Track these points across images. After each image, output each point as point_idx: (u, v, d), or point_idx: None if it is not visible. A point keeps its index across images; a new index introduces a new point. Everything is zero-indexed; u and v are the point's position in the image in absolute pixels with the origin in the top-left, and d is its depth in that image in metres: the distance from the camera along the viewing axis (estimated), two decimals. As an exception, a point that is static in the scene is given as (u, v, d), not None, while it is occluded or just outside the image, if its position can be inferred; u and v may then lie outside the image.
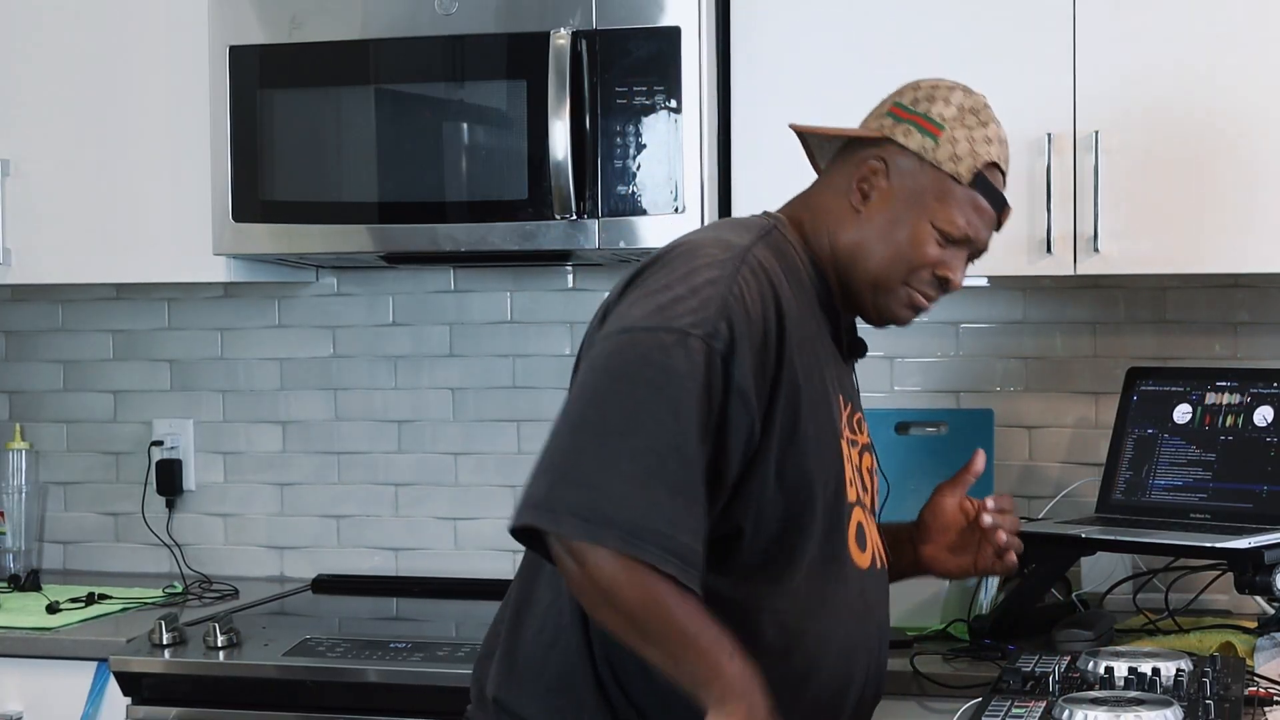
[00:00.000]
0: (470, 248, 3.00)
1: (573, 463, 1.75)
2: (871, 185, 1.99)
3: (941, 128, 1.98)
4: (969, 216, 2.00)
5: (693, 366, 1.76)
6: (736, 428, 1.80)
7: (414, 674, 2.78)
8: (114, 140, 3.26)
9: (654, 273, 1.87)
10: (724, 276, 1.83)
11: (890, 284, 2.02)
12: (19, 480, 3.64)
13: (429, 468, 3.53)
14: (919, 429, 3.23)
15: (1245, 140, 2.78)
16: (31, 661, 3.03)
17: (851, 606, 1.96)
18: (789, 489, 1.87)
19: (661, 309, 1.80)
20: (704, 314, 1.79)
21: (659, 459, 1.73)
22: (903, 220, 1.99)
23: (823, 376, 1.94)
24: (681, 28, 2.89)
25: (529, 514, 1.76)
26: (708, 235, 1.95)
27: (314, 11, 3.05)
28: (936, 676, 2.62)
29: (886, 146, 2.00)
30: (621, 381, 1.77)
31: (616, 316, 1.85)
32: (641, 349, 1.78)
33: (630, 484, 1.72)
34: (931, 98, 2.01)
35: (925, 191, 1.99)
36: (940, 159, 1.98)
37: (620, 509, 1.72)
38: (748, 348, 1.80)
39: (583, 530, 1.72)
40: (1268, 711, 2.26)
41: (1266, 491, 2.77)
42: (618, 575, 1.73)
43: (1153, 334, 3.18)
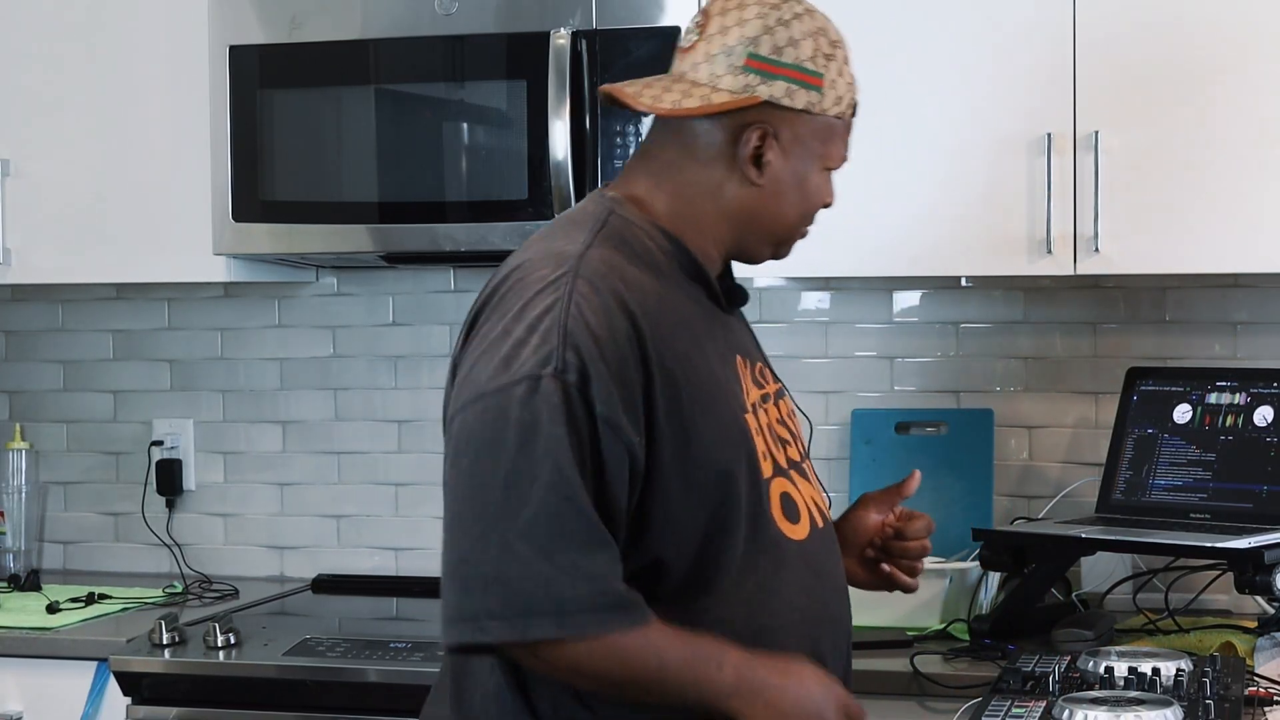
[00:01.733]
0: (470, 248, 3.00)
1: (474, 561, 1.68)
2: (763, 151, 1.85)
3: (820, 75, 1.86)
4: (846, 141, 1.92)
5: (552, 410, 1.67)
6: (612, 459, 1.70)
7: (414, 674, 2.78)
8: (114, 140, 3.26)
9: (489, 318, 1.77)
10: (559, 300, 1.72)
11: (795, 234, 1.93)
12: (19, 480, 3.64)
13: (429, 468, 3.53)
14: (919, 429, 3.23)
15: (1245, 140, 2.78)
16: (31, 661, 3.03)
17: (801, 584, 1.87)
18: (700, 494, 1.77)
19: (506, 361, 1.71)
20: (547, 349, 1.69)
21: (555, 520, 1.66)
22: (801, 177, 1.88)
23: (705, 355, 1.83)
24: (681, 28, 2.88)
25: (454, 631, 1.70)
26: (539, 250, 1.82)
27: (314, 11, 3.05)
28: (936, 676, 2.62)
29: (766, 109, 1.84)
30: (488, 455, 1.70)
31: (464, 381, 1.76)
32: (495, 412, 1.69)
33: (538, 561, 1.65)
34: (791, 41, 1.85)
35: (813, 139, 1.88)
36: (828, 108, 1.86)
37: (540, 593, 1.65)
38: (603, 369, 1.70)
39: (512, 631, 1.66)
40: (1268, 711, 2.26)
41: (1266, 491, 2.78)
42: (579, 662, 1.68)
43: (1153, 334, 3.18)
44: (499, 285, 1.80)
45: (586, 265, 1.76)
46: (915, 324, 3.29)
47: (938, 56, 2.88)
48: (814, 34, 1.86)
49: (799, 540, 1.87)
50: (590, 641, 1.67)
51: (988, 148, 2.85)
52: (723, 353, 1.87)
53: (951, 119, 2.88)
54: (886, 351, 3.29)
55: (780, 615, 1.85)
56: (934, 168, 2.88)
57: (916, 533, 2.07)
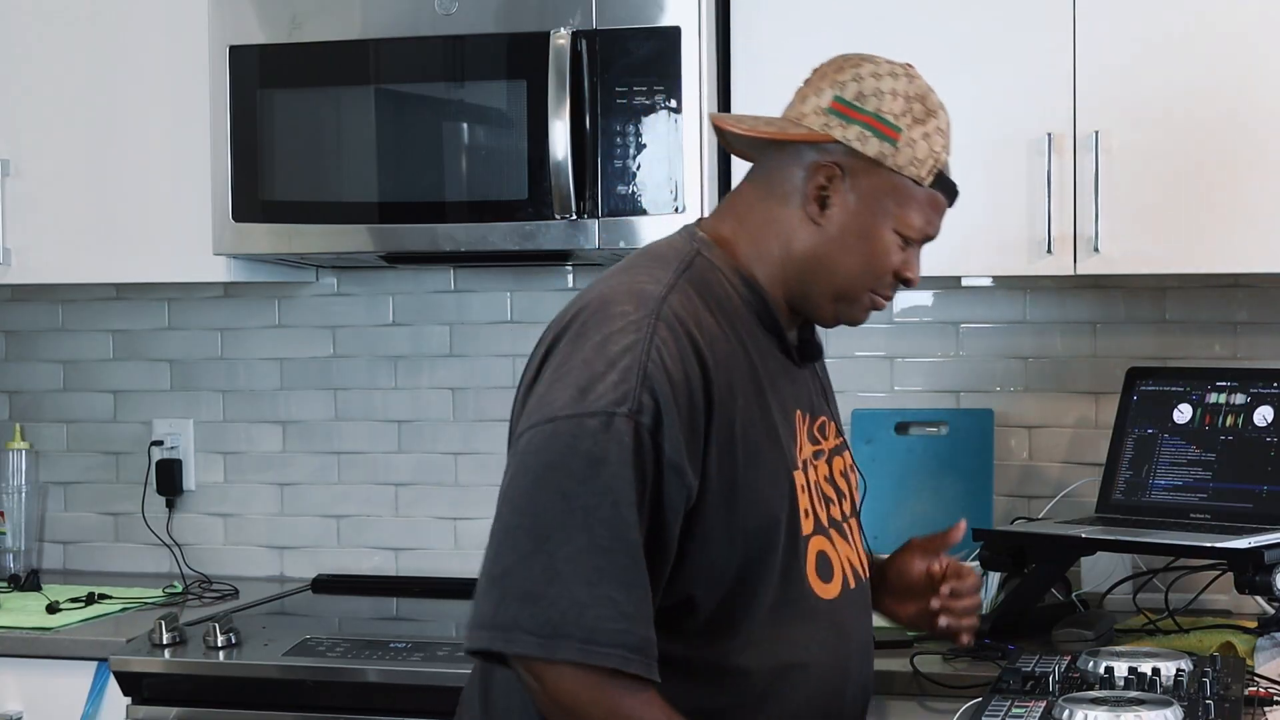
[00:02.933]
0: (470, 248, 3.00)
1: (517, 574, 1.70)
2: (829, 192, 1.88)
3: (899, 130, 1.88)
4: (928, 215, 1.92)
5: (622, 450, 1.70)
6: (672, 501, 1.74)
7: (414, 674, 2.78)
8: (114, 140, 3.26)
9: (569, 345, 1.79)
10: (640, 341, 1.75)
11: (856, 294, 1.94)
12: (19, 480, 3.64)
13: (429, 468, 3.53)
14: (919, 429, 3.23)
15: (1245, 140, 2.78)
16: (31, 661, 3.03)
17: (823, 642, 1.90)
18: (737, 543, 1.80)
19: (582, 390, 1.73)
20: (625, 388, 1.72)
21: (604, 554, 1.69)
22: (866, 230, 1.89)
23: (765, 411, 1.86)
24: (681, 28, 2.89)
25: (483, 636, 1.72)
26: (620, 284, 1.83)
27: (314, 11, 3.05)
28: (936, 676, 2.62)
29: (837, 150, 1.88)
30: (552, 477, 1.72)
31: (537, 402, 1.77)
32: (566, 439, 1.72)
33: (578, 587, 1.68)
34: (878, 91, 1.88)
35: (886, 197, 1.89)
36: (901, 164, 1.88)
37: (573, 617, 1.68)
38: (675, 415, 1.73)
39: (539, 648, 1.68)
40: (1268, 711, 2.26)
41: (1266, 491, 2.78)
42: (579, 693, 1.70)
43: (1153, 334, 3.18)
44: (578, 315, 1.82)
45: (667, 308, 1.79)
46: (915, 324, 3.29)
47: (937, 57, 2.87)
48: (907, 95, 1.90)
49: (828, 599, 1.91)
50: (601, 686, 1.69)
51: (988, 148, 2.85)
52: (784, 406, 1.90)
53: (952, 119, 2.87)
54: (887, 351, 3.29)
55: (801, 669, 1.88)
56: (934, 168, 2.88)
57: (969, 590, 2.10)
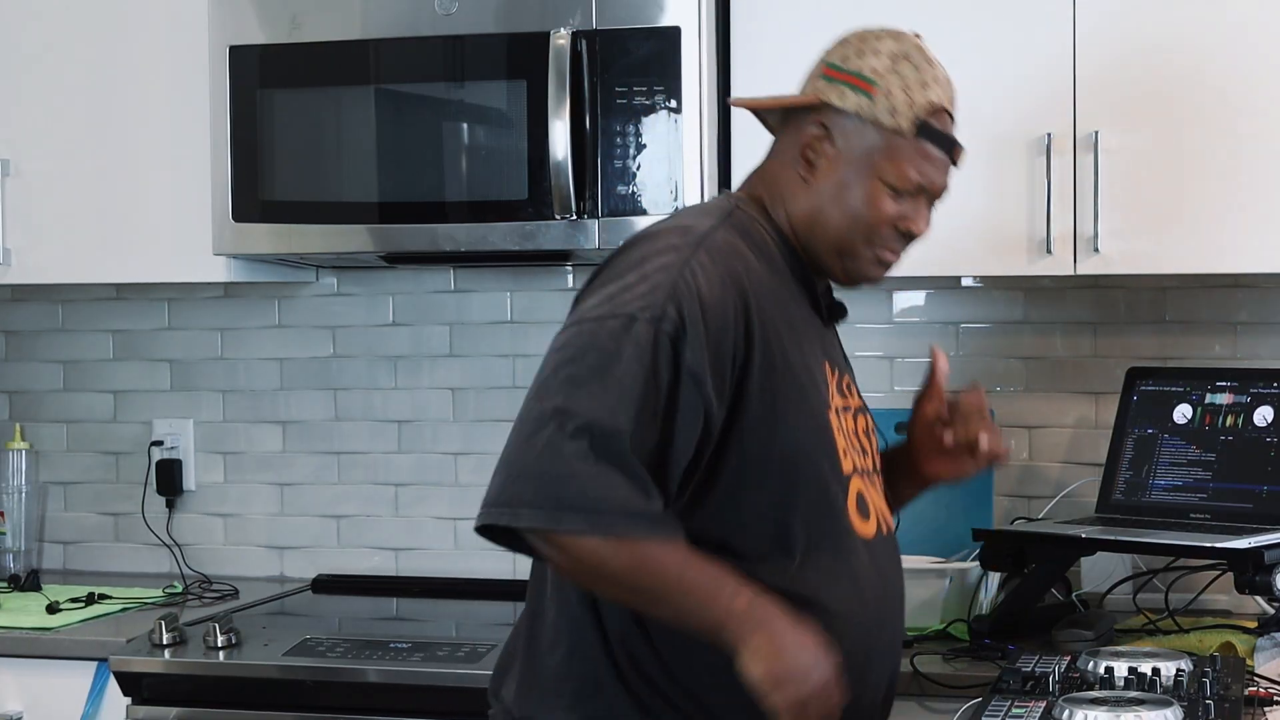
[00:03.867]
0: (470, 248, 3.00)
1: (524, 454, 1.76)
2: (816, 152, 1.97)
3: (874, 83, 1.94)
4: (919, 166, 1.96)
5: (636, 349, 1.77)
6: (687, 409, 1.79)
7: (414, 674, 2.78)
8: (114, 140, 3.26)
9: (612, 265, 1.88)
10: (677, 261, 1.83)
11: (853, 247, 1.98)
12: (19, 480, 3.64)
13: (429, 468, 3.53)
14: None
15: (1245, 140, 2.78)
16: (31, 661, 3.03)
17: (867, 579, 1.94)
18: (780, 471, 1.86)
19: (612, 297, 1.82)
20: (652, 298, 1.80)
21: (604, 437, 1.73)
22: (852, 183, 1.95)
23: (803, 351, 1.92)
24: (681, 28, 2.89)
25: (489, 513, 1.77)
26: (669, 223, 1.95)
27: (314, 11, 3.05)
28: (936, 676, 2.62)
29: (824, 110, 1.97)
30: (565, 369, 1.78)
31: (572, 311, 1.87)
32: (587, 336, 1.80)
33: (580, 462, 1.73)
34: (861, 52, 1.97)
35: (871, 150, 1.95)
36: (878, 114, 1.94)
37: (576, 490, 1.73)
38: (701, 330, 1.79)
39: (544, 519, 1.74)
40: (1268, 711, 2.26)
41: (1266, 491, 2.78)
42: (599, 549, 1.75)
43: (1153, 334, 3.18)
44: (626, 245, 1.91)
45: (712, 241, 1.88)
46: (916, 324, 3.29)
47: (938, 56, 2.87)
48: (892, 54, 1.97)
49: (867, 537, 1.97)
50: (618, 542, 1.74)
51: (988, 148, 2.84)
52: (817, 354, 1.96)
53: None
54: (887, 351, 3.29)
55: (844, 601, 1.91)
56: (934, 168, 2.88)
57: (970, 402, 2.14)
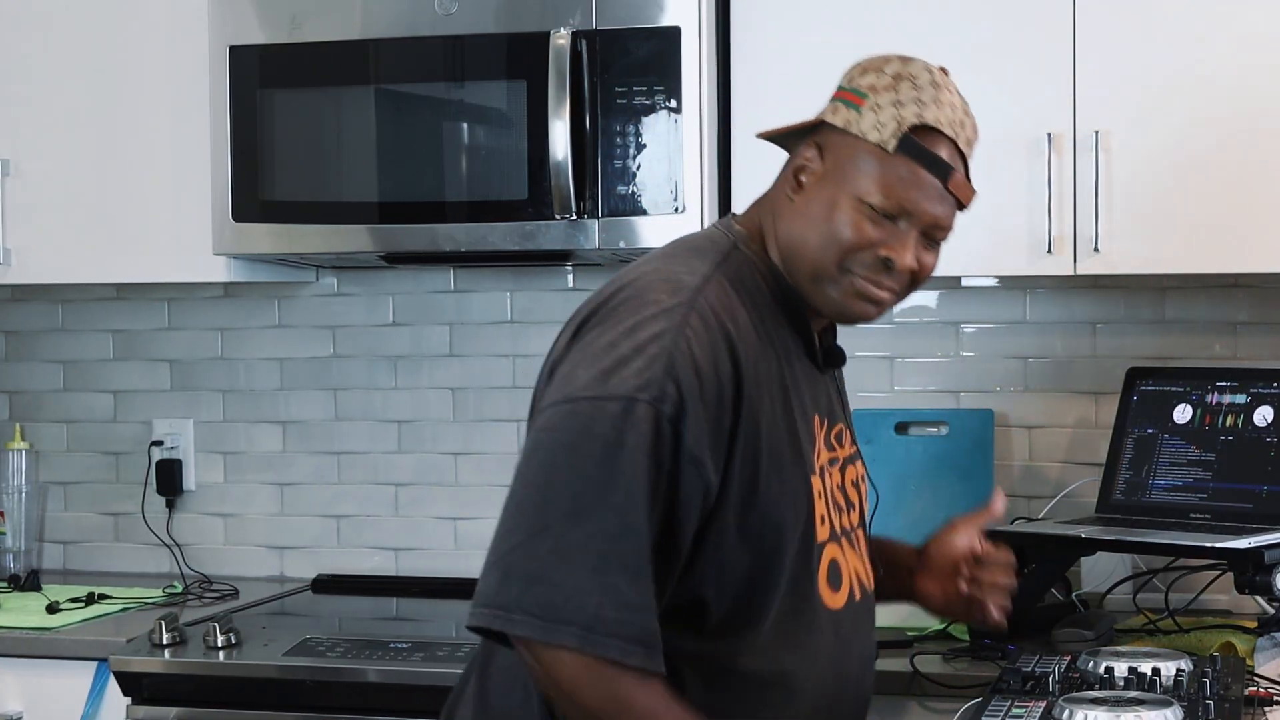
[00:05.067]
0: (470, 248, 3.00)
1: (522, 554, 1.68)
2: (806, 172, 1.86)
3: (864, 96, 1.83)
4: (898, 186, 1.81)
5: (639, 437, 1.67)
6: (689, 494, 1.71)
7: (414, 674, 2.78)
8: (114, 140, 3.26)
9: (598, 326, 1.76)
10: (670, 329, 1.71)
11: (827, 272, 1.84)
12: (19, 480, 3.64)
13: (429, 468, 3.53)
14: (919, 429, 3.23)
15: (1245, 140, 2.78)
16: (31, 661, 3.03)
17: (825, 651, 1.88)
18: (752, 546, 1.78)
19: (606, 373, 1.70)
20: (650, 374, 1.69)
21: (612, 541, 1.66)
22: (829, 200, 1.83)
23: (789, 412, 1.83)
24: (681, 28, 2.89)
25: (484, 615, 1.70)
26: (657, 271, 1.81)
27: (314, 11, 3.05)
28: (936, 676, 2.62)
29: (821, 130, 1.86)
30: (566, 459, 1.68)
31: (561, 380, 1.74)
32: (584, 420, 1.68)
33: (584, 573, 1.65)
34: (866, 70, 1.87)
35: (850, 164, 1.82)
36: (864, 129, 1.82)
37: (576, 603, 1.65)
38: (699, 407, 1.70)
39: (539, 631, 1.66)
40: (1268, 711, 2.26)
41: (1266, 491, 2.78)
42: (578, 677, 1.67)
43: (1153, 334, 3.18)
44: (611, 297, 1.79)
45: (703, 299, 1.76)
46: (916, 324, 3.28)
47: (938, 57, 2.87)
48: (897, 74, 1.86)
49: (835, 609, 1.89)
50: (601, 671, 1.67)
51: (988, 148, 2.82)
52: (805, 409, 1.87)
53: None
54: (887, 351, 3.29)
55: (804, 677, 1.86)
56: (934, 168, 2.88)
57: (999, 560, 2.06)
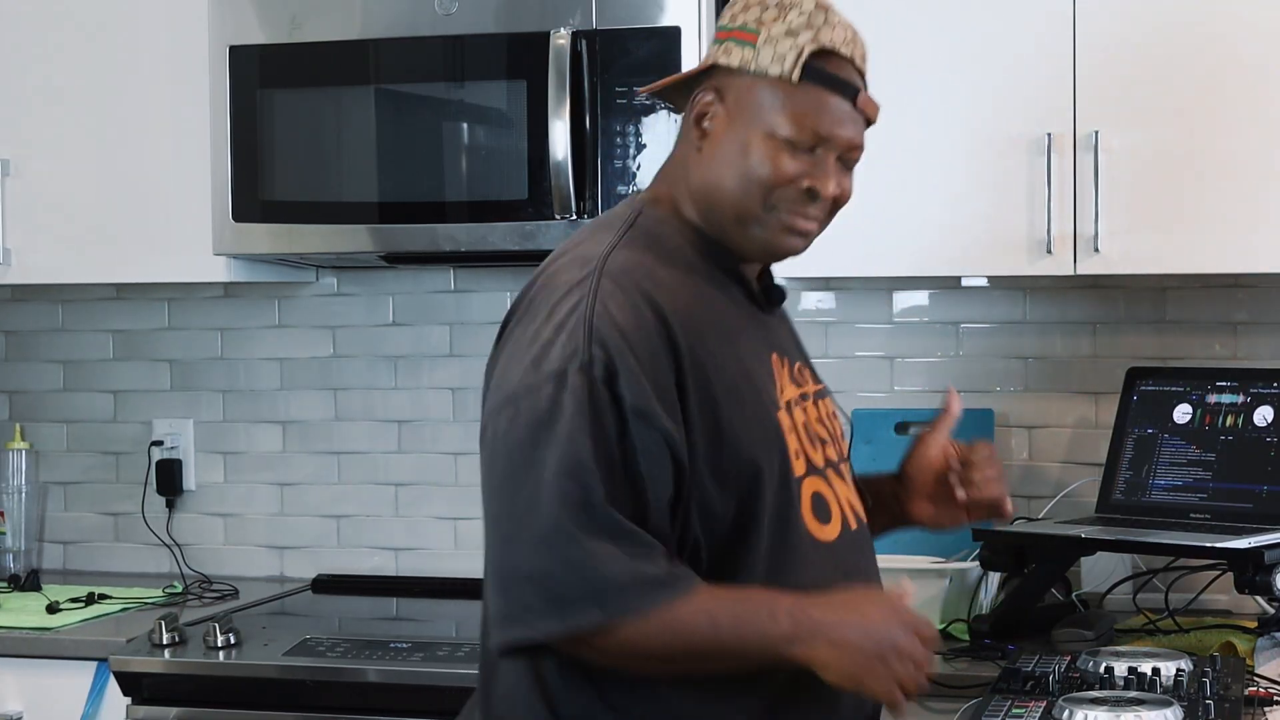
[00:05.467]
0: (470, 248, 3.00)
1: (511, 560, 1.69)
2: (709, 119, 1.82)
3: (756, 32, 1.79)
4: (814, 115, 1.79)
5: (575, 401, 1.67)
6: (646, 446, 1.69)
7: (414, 674, 2.78)
8: (114, 140, 3.26)
9: (519, 324, 1.79)
10: (583, 299, 1.72)
11: (753, 212, 1.81)
12: (19, 480, 3.64)
13: (429, 468, 3.53)
14: (919, 429, 3.22)
15: (1246, 140, 2.78)
16: (31, 661, 3.03)
17: (825, 584, 1.82)
18: (730, 486, 1.76)
19: (535, 362, 1.71)
20: (573, 345, 1.70)
21: (576, 509, 1.66)
22: (741, 142, 1.80)
23: (737, 352, 1.81)
24: (681, 28, 2.89)
25: (506, 633, 1.70)
26: (567, 256, 1.82)
27: (314, 11, 3.05)
28: (936, 676, 2.61)
29: (715, 73, 1.82)
30: (516, 454, 1.69)
31: (495, 386, 1.77)
32: (524, 414, 1.70)
33: (568, 550, 1.65)
34: (748, 6, 1.83)
35: (759, 104, 1.79)
36: (763, 64, 1.78)
37: (573, 580, 1.65)
38: (631, 362, 1.69)
39: (560, 624, 1.67)
40: (1268, 711, 2.26)
41: (1266, 491, 2.78)
42: (627, 639, 1.67)
43: (1153, 334, 3.18)
44: (527, 291, 1.82)
45: (611, 264, 1.76)
46: (916, 324, 3.28)
47: (938, 57, 2.88)
48: (780, 3, 1.82)
49: (828, 541, 1.86)
50: (638, 620, 1.67)
51: (988, 148, 2.85)
52: (758, 350, 1.86)
53: (951, 119, 2.88)
54: (887, 351, 3.29)
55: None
56: (934, 168, 2.88)
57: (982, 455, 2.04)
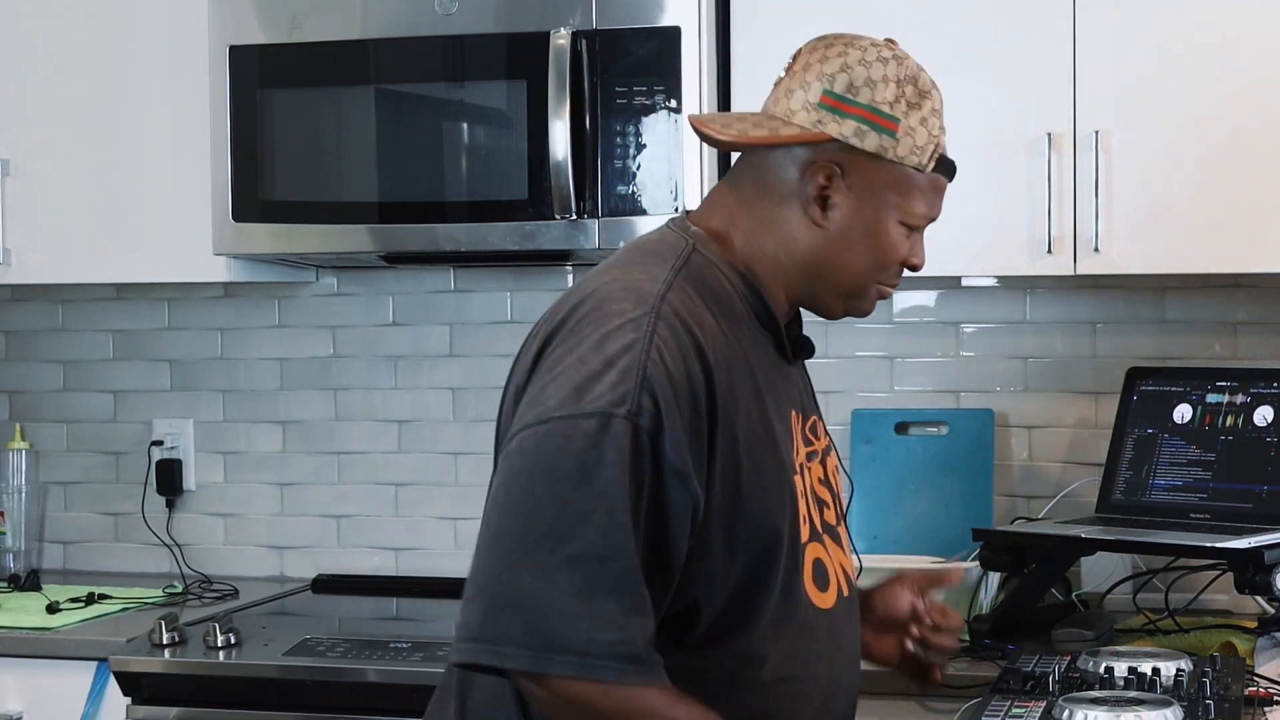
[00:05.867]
0: (470, 248, 3.00)
1: (506, 583, 1.62)
2: (830, 192, 1.81)
3: (896, 121, 1.81)
4: (931, 200, 1.86)
5: (618, 453, 1.62)
6: (677, 508, 1.66)
7: (414, 674, 2.78)
8: (114, 140, 3.26)
9: (563, 344, 1.71)
10: (639, 340, 1.67)
11: (865, 288, 1.87)
12: (19, 480, 3.64)
13: (429, 468, 3.53)
14: (919, 429, 3.23)
15: (1245, 140, 2.78)
16: (31, 661, 3.03)
17: (822, 653, 1.84)
18: (740, 552, 1.74)
19: (578, 390, 1.65)
20: (624, 388, 1.64)
21: (598, 562, 1.61)
22: (871, 226, 1.83)
23: (764, 413, 1.79)
24: (681, 28, 2.89)
25: (470, 650, 1.64)
26: (616, 280, 1.76)
27: (314, 11, 3.05)
28: (941, 676, 2.61)
29: (833, 148, 1.81)
30: (545, 482, 1.63)
31: (530, 402, 1.69)
32: (559, 440, 1.63)
33: (571, 598, 1.60)
34: (868, 81, 1.81)
35: (888, 189, 1.82)
36: (903, 155, 1.81)
37: (566, 629, 1.61)
38: (676, 418, 1.65)
39: (531, 662, 1.61)
40: (1268, 711, 2.26)
41: (1266, 491, 2.78)
42: (584, 695, 1.63)
43: (1153, 334, 3.18)
44: (572, 312, 1.74)
45: (668, 307, 1.72)
46: (916, 324, 3.28)
47: (938, 57, 2.87)
48: (899, 79, 1.83)
49: (825, 609, 1.85)
50: (601, 686, 1.63)
51: (988, 148, 2.85)
52: (781, 407, 1.84)
53: (951, 119, 2.86)
54: (887, 351, 3.29)
55: (797, 682, 1.83)
56: (934, 168, 2.88)
57: (951, 628, 2.04)
